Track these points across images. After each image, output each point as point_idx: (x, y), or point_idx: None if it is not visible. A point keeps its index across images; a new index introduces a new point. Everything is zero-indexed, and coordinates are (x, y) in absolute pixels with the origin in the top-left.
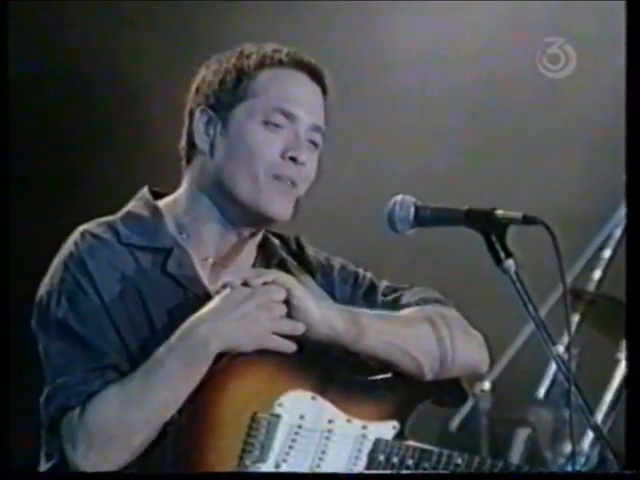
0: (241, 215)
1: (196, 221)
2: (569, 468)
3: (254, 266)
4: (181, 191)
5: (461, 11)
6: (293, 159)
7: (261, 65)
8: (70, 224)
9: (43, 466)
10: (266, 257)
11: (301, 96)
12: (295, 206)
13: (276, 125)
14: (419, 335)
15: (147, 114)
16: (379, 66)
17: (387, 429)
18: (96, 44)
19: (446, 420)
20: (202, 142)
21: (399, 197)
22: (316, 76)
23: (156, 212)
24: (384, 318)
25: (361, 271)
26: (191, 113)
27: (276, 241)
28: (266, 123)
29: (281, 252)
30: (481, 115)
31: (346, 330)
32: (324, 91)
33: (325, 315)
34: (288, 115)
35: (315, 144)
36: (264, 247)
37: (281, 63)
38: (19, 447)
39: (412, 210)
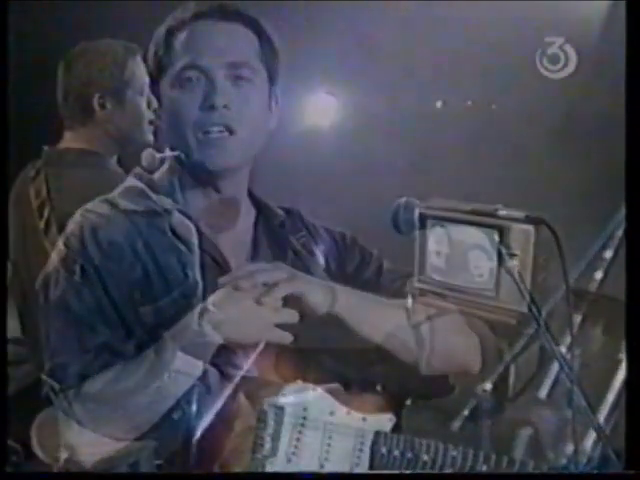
0: (195, 178)
1: (179, 188)
2: (571, 468)
3: (256, 226)
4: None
5: (461, 11)
6: (211, 106)
7: (170, 33)
8: None
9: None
10: (265, 219)
11: (210, 41)
12: (245, 151)
13: (189, 80)
14: (390, 315)
15: None
16: (378, 66)
17: (385, 421)
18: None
19: (447, 421)
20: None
21: (403, 199)
22: (231, 16)
23: (151, 182)
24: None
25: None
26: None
27: (275, 207)
28: (181, 85)
29: (281, 215)
30: (480, 115)
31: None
32: (253, 28)
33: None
34: (198, 67)
35: (243, 79)
36: (262, 210)
37: (184, 23)
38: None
39: (416, 212)
